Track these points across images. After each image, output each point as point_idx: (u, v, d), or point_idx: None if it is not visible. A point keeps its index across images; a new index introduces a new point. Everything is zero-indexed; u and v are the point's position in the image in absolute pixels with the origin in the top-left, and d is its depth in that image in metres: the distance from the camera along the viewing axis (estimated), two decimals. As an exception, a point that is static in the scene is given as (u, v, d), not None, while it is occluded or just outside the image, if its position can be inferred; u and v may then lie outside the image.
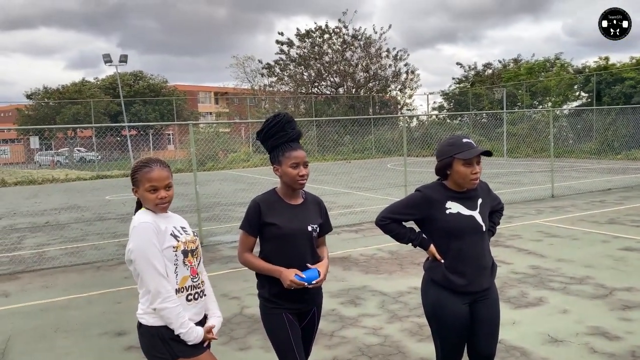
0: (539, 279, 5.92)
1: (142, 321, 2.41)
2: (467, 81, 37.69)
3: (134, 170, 2.44)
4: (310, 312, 2.82)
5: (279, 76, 38.52)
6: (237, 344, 4.49)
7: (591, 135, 24.61)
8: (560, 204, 11.15)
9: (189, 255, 2.44)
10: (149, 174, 2.39)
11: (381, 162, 25.79)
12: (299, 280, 2.59)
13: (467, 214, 2.71)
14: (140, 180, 2.41)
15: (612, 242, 7.53)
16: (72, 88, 41.29)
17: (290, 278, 2.58)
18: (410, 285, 5.86)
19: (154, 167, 2.41)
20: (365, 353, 4.19)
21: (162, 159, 2.51)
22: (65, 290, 6.43)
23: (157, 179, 2.40)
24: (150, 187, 2.39)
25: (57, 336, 4.92)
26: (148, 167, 2.41)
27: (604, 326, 4.49)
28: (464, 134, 2.81)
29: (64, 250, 8.77)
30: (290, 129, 2.73)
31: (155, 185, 2.39)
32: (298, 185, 2.71)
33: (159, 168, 2.42)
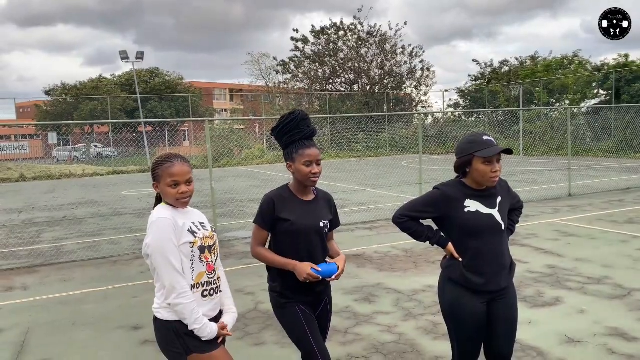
0: (556, 278, 5.85)
1: (157, 315, 2.43)
2: (483, 78, 37.33)
3: (155, 165, 2.46)
4: (322, 303, 2.87)
5: (294, 73, 38.53)
6: (251, 340, 4.50)
7: (609, 133, 24.23)
8: (578, 203, 11.00)
9: (205, 252, 2.45)
10: (170, 169, 2.41)
11: (395, 159, 25.68)
12: (316, 273, 2.63)
13: (486, 213, 2.68)
14: (162, 175, 2.42)
15: (631, 242, 7.41)
16: (90, 84, 41.81)
17: (308, 271, 2.62)
18: (424, 283, 5.83)
19: (175, 162, 2.43)
20: (379, 350, 4.18)
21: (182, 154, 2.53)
22: (83, 284, 6.51)
23: (179, 174, 2.41)
24: (172, 182, 2.41)
25: (74, 329, 4.98)
26: (169, 162, 2.43)
27: (622, 327, 4.42)
28: (484, 132, 2.78)
29: (81, 245, 8.87)
30: (305, 127, 2.76)
31: (177, 180, 2.41)
32: (310, 182, 2.75)
33: (180, 163, 2.44)
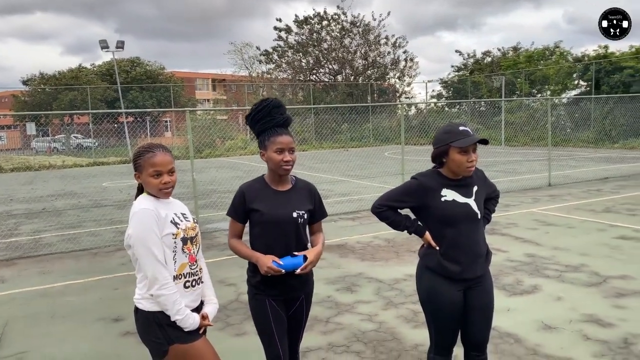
0: (534, 267, 5.95)
1: (139, 306, 2.42)
2: (466, 69, 37.55)
3: (136, 155, 2.43)
4: (298, 300, 2.81)
5: (277, 63, 38.32)
6: (233, 330, 4.51)
7: (589, 124, 24.59)
8: (557, 192, 11.17)
9: (188, 243, 2.44)
10: (152, 159, 2.38)
11: (379, 150, 25.78)
12: (277, 267, 2.57)
13: (463, 202, 2.71)
14: (143, 166, 2.40)
15: (608, 230, 7.56)
16: (69, 74, 41.07)
17: (268, 264, 2.57)
18: (405, 272, 5.88)
19: (157, 152, 2.41)
20: (360, 339, 4.22)
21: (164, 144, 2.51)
22: (62, 277, 6.44)
23: (161, 163, 2.39)
24: (154, 172, 2.38)
25: (53, 322, 4.94)
26: (151, 152, 2.40)
27: (597, 313, 4.52)
28: (461, 122, 2.80)
29: (60, 237, 8.77)
30: (278, 114, 2.71)
31: (159, 170, 2.38)
32: (282, 171, 2.68)
33: (162, 153, 2.41)
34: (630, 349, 3.82)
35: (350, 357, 3.91)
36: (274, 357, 2.74)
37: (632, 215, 8.54)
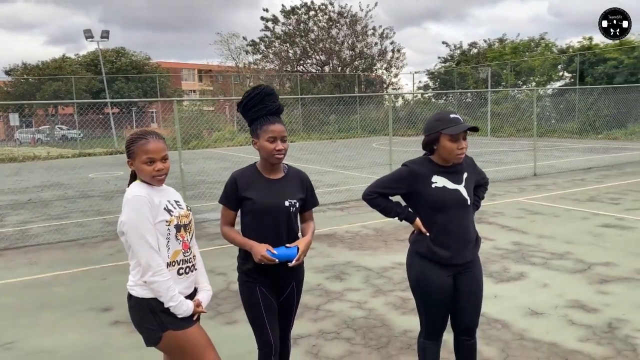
0: (521, 254, 6.04)
1: (132, 293, 2.42)
2: (452, 60, 37.69)
3: (129, 142, 2.42)
4: (289, 287, 2.82)
5: (264, 53, 38.11)
6: (223, 319, 4.53)
7: (573, 115, 24.86)
8: (543, 182, 11.31)
9: (181, 230, 2.44)
10: (145, 146, 2.38)
11: (366, 141, 25.83)
12: (271, 256, 2.58)
13: (453, 188, 2.75)
14: (136, 153, 2.39)
15: (592, 219, 7.69)
16: (53, 64, 40.42)
17: (262, 253, 2.57)
18: (394, 260, 5.94)
19: (150, 138, 2.40)
20: (350, 326, 4.26)
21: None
22: (50, 267, 6.39)
23: (154, 150, 2.38)
24: (147, 159, 2.38)
25: (41, 312, 4.91)
26: (144, 139, 2.40)
27: (582, 299, 4.61)
28: (452, 110, 2.83)
29: (47, 228, 8.69)
30: (270, 102, 2.70)
31: (152, 157, 2.38)
32: (275, 159, 2.68)
33: (155, 140, 2.41)
34: (614, 333, 3.91)
35: (341, 343, 3.96)
36: (265, 344, 2.76)
37: (615, 204, 8.68)
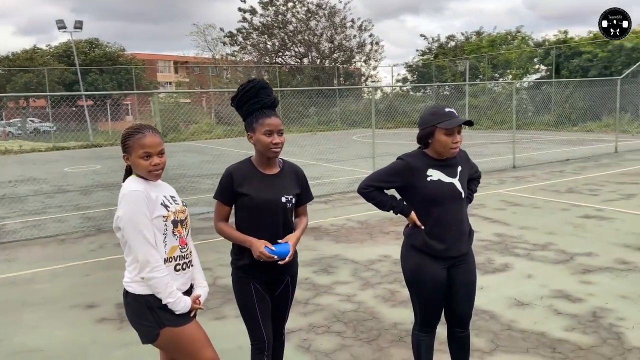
0: (504, 246, 6.12)
1: (129, 289, 2.37)
2: (430, 53, 37.93)
3: (125, 136, 2.37)
4: (283, 282, 2.81)
5: (242, 45, 37.78)
6: (212, 314, 4.49)
7: (549, 107, 25.28)
8: (522, 174, 11.49)
9: (178, 226, 2.41)
10: (141, 140, 2.33)
11: (347, 134, 25.87)
12: (269, 252, 2.55)
13: (448, 181, 2.76)
14: (133, 147, 2.34)
15: (572, 210, 7.84)
16: (23, 55, 39.37)
17: (260, 249, 2.54)
18: (380, 253, 5.96)
19: (147, 132, 2.36)
20: (340, 319, 4.27)
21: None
22: (29, 264, 6.25)
23: (150, 145, 2.34)
24: (144, 153, 2.33)
25: (24, 310, 4.80)
26: (141, 133, 2.35)
27: (566, 289, 4.70)
28: (446, 104, 2.83)
29: (24, 224, 8.49)
30: (265, 96, 2.66)
31: (149, 151, 2.34)
32: (272, 153, 2.64)
33: (151, 134, 2.36)
34: (599, 322, 4.00)
35: (332, 337, 3.96)
36: (258, 340, 2.74)
37: (593, 195, 8.87)
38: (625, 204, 8.06)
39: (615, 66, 24.40)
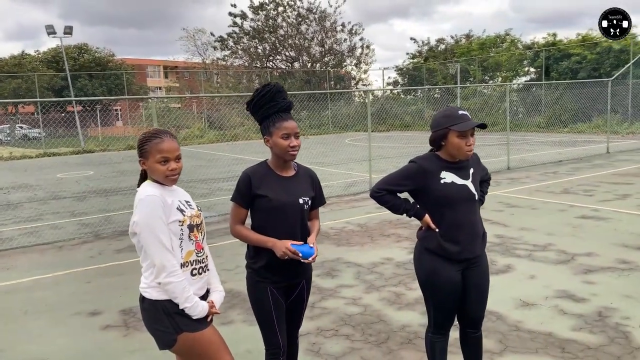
0: (505, 247, 6.16)
1: (145, 295, 2.35)
2: (420, 56, 38.12)
3: (142, 141, 2.36)
4: (299, 286, 2.80)
5: (233, 49, 37.75)
6: (218, 319, 4.43)
7: (540, 109, 25.51)
8: (516, 175, 11.57)
9: (194, 230, 2.39)
10: (160, 145, 2.32)
11: (339, 137, 25.89)
12: (295, 248, 2.55)
13: (461, 183, 2.77)
14: (150, 152, 2.33)
15: (569, 210, 7.90)
16: (11, 61, 39.02)
17: (287, 245, 2.54)
18: (382, 256, 5.96)
19: (165, 137, 2.35)
20: (347, 322, 4.27)
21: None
22: (28, 272, 6.18)
23: (169, 150, 2.33)
24: (162, 158, 2.32)
25: (26, 318, 4.74)
26: (159, 138, 2.34)
27: (570, 290, 4.74)
28: (459, 106, 2.85)
29: (20, 231, 8.39)
30: (281, 99, 2.68)
31: (167, 156, 2.33)
32: (289, 156, 2.67)
33: (169, 139, 2.35)
34: (605, 322, 4.03)
35: (341, 340, 3.96)
36: (274, 346, 2.73)
37: (589, 195, 8.95)
38: (621, 204, 8.14)
39: (604, 68, 24.69)
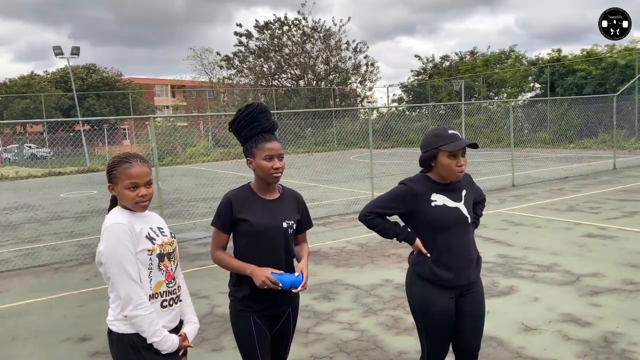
0: (508, 267, 5.99)
1: (112, 328, 2.24)
2: (425, 73, 38.17)
3: (111, 166, 2.26)
4: (284, 315, 2.68)
5: (238, 68, 38.03)
6: (209, 345, 4.33)
7: (545, 125, 25.34)
8: (521, 192, 11.39)
9: (164, 259, 2.28)
10: (128, 170, 2.22)
11: (343, 154, 25.82)
12: (275, 277, 2.43)
13: (453, 206, 2.65)
14: (119, 177, 2.23)
15: (574, 229, 7.72)
16: (21, 82, 39.53)
17: (266, 274, 2.42)
18: (382, 277, 5.81)
19: (134, 162, 2.24)
20: (342, 349, 4.12)
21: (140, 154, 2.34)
22: (22, 295, 6.08)
23: (138, 175, 2.22)
24: (131, 184, 2.22)
25: (15, 344, 4.63)
26: (127, 163, 2.23)
27: (574, 313, 4.56)
28: (449, 126, 2.75)
29: (17, 252, 8.32)
30: (265, 120, 2.59)
31: (136, 182, 2.22)
32: (272, 179, 2.56)
33: (139, 164, 2.24)
34: (611, 348, 3.86)
35: (334, 368, 3.81)
36: None
37: (595, 213, 8.76)
38: (628, 222, 7.95)
39: (610, 83, 24.54)
